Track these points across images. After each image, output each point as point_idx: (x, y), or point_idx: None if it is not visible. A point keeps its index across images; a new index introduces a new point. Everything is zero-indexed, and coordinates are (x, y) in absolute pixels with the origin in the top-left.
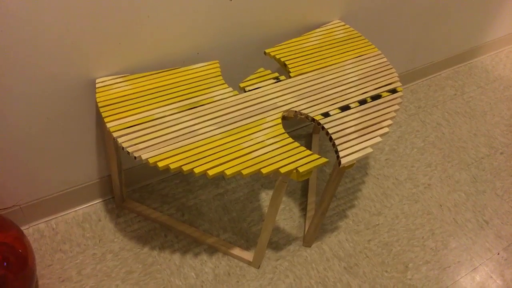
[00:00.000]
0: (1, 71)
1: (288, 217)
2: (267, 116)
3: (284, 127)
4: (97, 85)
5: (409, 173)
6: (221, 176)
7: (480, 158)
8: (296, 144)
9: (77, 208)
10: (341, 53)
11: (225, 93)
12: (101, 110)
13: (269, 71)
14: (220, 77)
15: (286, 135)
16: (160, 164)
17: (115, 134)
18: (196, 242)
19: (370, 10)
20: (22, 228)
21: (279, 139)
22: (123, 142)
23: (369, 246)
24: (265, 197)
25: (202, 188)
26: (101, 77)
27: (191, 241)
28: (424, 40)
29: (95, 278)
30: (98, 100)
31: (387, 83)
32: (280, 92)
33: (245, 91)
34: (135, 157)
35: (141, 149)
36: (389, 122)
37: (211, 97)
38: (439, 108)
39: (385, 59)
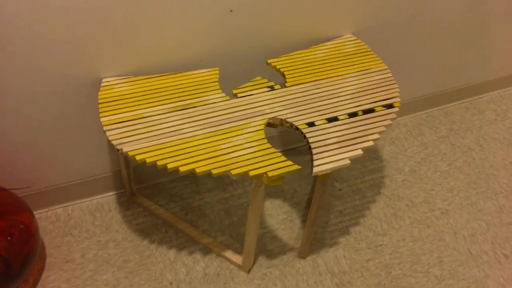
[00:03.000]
0: (20, 72)
1: (288, 227)
2: (252, 122)
3: (289, 143)
4: (102, 84)
5: (427, 196)
6: (229, 181)
7: None
8: (273, 150)
9: (92, 198)
10: (345, 66)
11: (217, 97)
12: (100, 106)
13: (265, 80)
14: (217, 83)
15: (265, 141)
16: (138, 158)
17: (105, 128)
18: (193, 241)
19: (389, 25)
20: (41, 210)
21: (257, 144)
22: (110, 135)
23: (367, 265)
24: (269, 205)
25: (209, 191)
26: (107, 77)
27: (189, 240)
28: (459, 59)
29: (95, 263)
30: (99, 97)
31: (384, 97)
32: (271, 100)
33: (237, 97)
34: (117, 150)
35: (125, 142)
36: (375, 136)
37: (203, 101)
38: (474, 132)
39: (389, 74)
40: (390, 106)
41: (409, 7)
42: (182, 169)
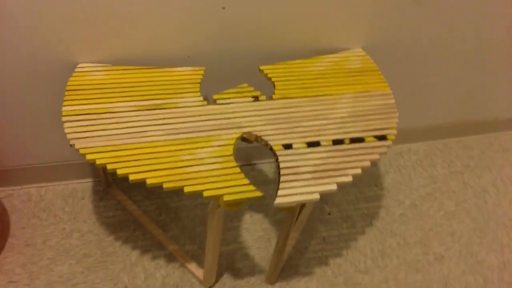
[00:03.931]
0: None
1: (263, 246)
2: (223, 134)
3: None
4: (76, 70)
5: (423, 237)
6: None
7: None
8: (237, 170)
9: (69, 182)
10: (344, 84)
11: (193, 101)
12: (66, 93)
13: (251, 89)
14: (198, 85)
15: (232, 158)
16: (88, 157)
17: (64, 119)
18: (159, 245)
19: (407, 43)
20: (15, 187)
21: (222, 161)
22: (67, 128)
23: None
24: (249, 219)
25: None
26: (84, 62)
27: (155, 243)
28: (486, 89)
29: (55, 252)
30: (68, 84)
31: (379, 127)
32: (252, 112)
33: (216, 104)
34: (70, 145)
35: (80, 138)
36: (357, 170)
37: (176, 103)
38: (493, 172)
39: (392, 101)
40: (382, 137)
41: (433, 26)
42: (131, 177)
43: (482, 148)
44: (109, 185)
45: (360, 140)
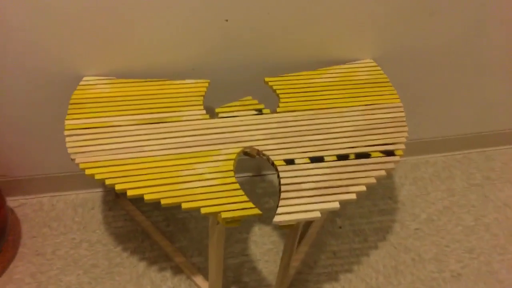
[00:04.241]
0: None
1: (271, 259)
2: (224, 149)
3: None
4: (81, 83)
5: (439, 253)
6: None
7: None
8: (236, 186)
9: (79, 192)
10: (352, 97)
11: (196, 114)
12: (69, 107)
13: (255, 101)
14: (201, 98)
15: (232, 174)
16: (87, 172)
17: (66, 133)
18: (166, 257)
19: (422, 51)
20: (29, 197)
21: (221, 176)
22: (68, 142)
23: None
24: (257, 231)
25: None
26: (89, 76)
27: (162, 254)
28: (505, 98)
29: (64, 261)
30: (72, 97)
31: (386, 142)
32: (254, 126)
33: (218, 117)
34: (71, 159)
35: (81, 152)
36: (361, 188)
37: (178, 116)
38: None
39: (402, 114)
40: (390, 153)
41: (446, 35)
42: (129, 192)
43: (504, 159)
44: (118, 195)
45: (366, 155)
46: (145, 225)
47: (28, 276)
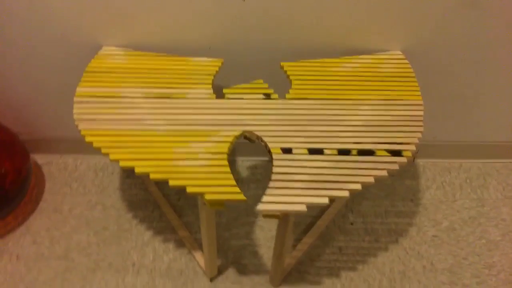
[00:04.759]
0: (23, 32)
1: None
2: (223, 130)
3: None
4: (99, 53)
5: (455, 264)
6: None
7: None
8: (227, 169)
9: (102, 156)
10: (369, 89)
11: (203, 93)
12: (84, 75)
13: (265, 85)
14: (211, 77)
15: (225, 156)
16: (87, 139)
17: (76, 99)
18: (172, 230)
19: (457, 49)
20: (54, 155)
21: (214, 158)
22: (76, 109)
23: None
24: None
25: None
26: (108, 45)
27: (169, 227)
28: None
29: (77, 221)
30: (88, 65)
31: (395, 140)
32: (259, 110)
33: (224, 98)
34: (76, 125)
35: (85, 120)
36: (356, 186)
37: (184, 93)
38: None
39: (420, 112)
40: (397, 153)
41: (489, 31)
42: (121, 163)
43: None
44: None
45: (370, 152)
46: (157, 196)
47: (44, 230)
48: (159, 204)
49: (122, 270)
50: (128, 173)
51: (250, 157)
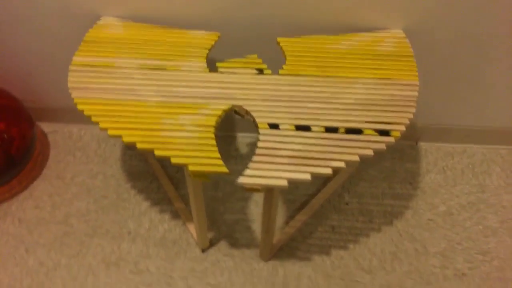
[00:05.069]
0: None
1: None
2: (213, 104)
3: None
4: (97, 23)
5: (448, 248)
6: (235, 154)
7: None
8: (213, 142)
9: None
10: (366, 68)
11: (196, 66)
12: (81, 44)
13: (259, 61)
14: (206, 51)
15: (212, 129)
16: (79, 107)
17: (71, 68)
18: (169, 201)
19: (464, 29)
20: (60, 125)
21: (201, 130)
22: (70, 77)
23: None
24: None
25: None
26: (106, 16)
27: (166, 198)
28: None
29: (78, 188)
30: (86, 35)
31: (385, 120)
32: (250, 85)
33: (217, 72)
34: (70, 93)
35: (78, 88)
36: (340, 163)
37: (178, 66)
38: None
39: (414, 93)
40: (385, 132)
41: (503, 12)
42: (110, 132)
43: None
44: None
45: (357, 131)
46: (156, 168)
47: (46, 195)
48: (157, 176)
49: (118, 237)
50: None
51: (250, 133)
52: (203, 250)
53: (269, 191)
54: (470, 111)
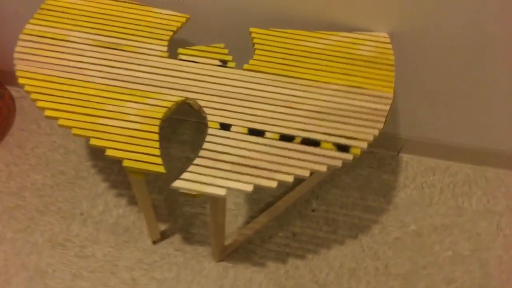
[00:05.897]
0: None
1: (228, 220)
2: (164, 94)
3: None
4: None
5: (411, 271)
6: None
7: None
8: (155, 137)
9: None
10: (339, 73)
11: (155, 49)
12: (38, 12)
13: (225, 51)
14: (171, 33)
15: (157, 122)
16: (20, 81)
17: (21, 37)
18: (128, 185)
19: (456, 35)
20: None
21: (145, 122)
22: (19, 46)
23: None
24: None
25: (182, 144)
26: None
27: (125, 181)
28: None
29: (37, 160)
30: (45, 2)
31: (348, 135)
32: (209, 78)
33: (177, 58)
34: (14, 64)
35: (24, 59)
36: (288, 177)
37: (136, 47)
38: None
39: (386, 107)
40: (344, 148)
41: (499, 19)
42: (46, 112)
43: None
44: None
45: (314, 143)
46: None
47: (3, 164)
48: None
49: (69, 217)
50: None
51: None
52: (154, 242)
53: (215, 199)
54: (458, 127)
